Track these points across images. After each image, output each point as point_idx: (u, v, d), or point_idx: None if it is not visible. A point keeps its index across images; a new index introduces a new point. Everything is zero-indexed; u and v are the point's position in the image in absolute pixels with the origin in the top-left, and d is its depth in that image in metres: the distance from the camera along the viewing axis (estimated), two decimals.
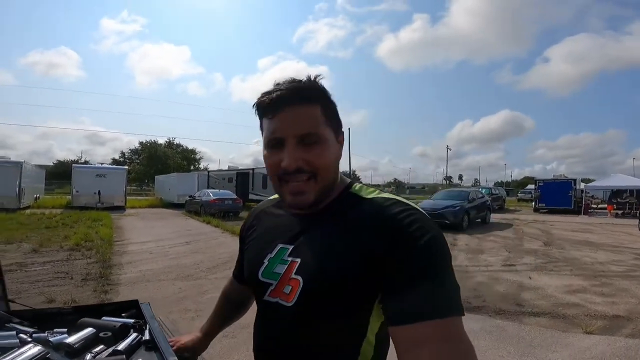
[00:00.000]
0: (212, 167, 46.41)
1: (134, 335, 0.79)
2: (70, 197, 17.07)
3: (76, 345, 0.73)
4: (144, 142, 44.66)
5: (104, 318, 0.86)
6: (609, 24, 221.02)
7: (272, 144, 0.62)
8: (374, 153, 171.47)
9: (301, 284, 0.59)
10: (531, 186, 29.40)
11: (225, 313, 0.95)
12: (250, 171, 20.05)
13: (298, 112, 0.60)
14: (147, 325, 0.84)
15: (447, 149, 57.20)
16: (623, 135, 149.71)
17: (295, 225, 0.67)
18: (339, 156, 0.67)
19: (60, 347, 0.74)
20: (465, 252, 7.09)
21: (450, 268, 0.54)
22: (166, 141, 47.28)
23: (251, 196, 19.39)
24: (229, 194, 15.46)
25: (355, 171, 55.22)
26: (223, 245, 7.57)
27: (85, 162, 36.42)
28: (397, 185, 70.81)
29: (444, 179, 72.87)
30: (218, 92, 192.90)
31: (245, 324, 0.90)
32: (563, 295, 4.23)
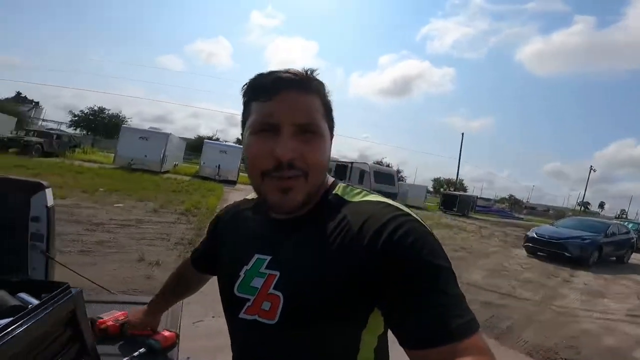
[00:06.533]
0: None
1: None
2: (198, 167, 20.16)
3: None
4: None
5: (19, 295, 0.78)
6: None
7: (263, 129, 0.55)
8: (493, 164, 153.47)
9: (282, 300, 0.54)
10: None
11: (177, 292, 0.97)
12: (349, 165, 20.27)
13: (299, 99, 0.55)
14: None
15: (591, 169, 48.41)
16: None
17: (274, 232, 0.61)
18: (330, 158, 0.61)
19: None
20: (581, 293, 5.92)
21: (456, 280, 0.49)
22: None
23: None
24: None
25: (462, 180, 50.28)
26: None
27: (217, 140, 42.49)
28: (513, 203, 61.82)
29: (579, 204, 61.89)
30: (338, 87, 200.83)
31: None
32: None
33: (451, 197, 28.07)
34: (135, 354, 0.90)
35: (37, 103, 41.57)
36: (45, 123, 36.28)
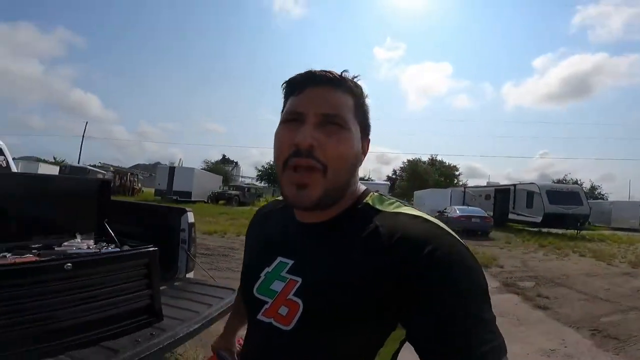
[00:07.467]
0: (481, 182, 43.87)
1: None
2: None
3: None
4: (411, 159, 49.33)
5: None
6: None
7: (290, 119, 0.56)
8: None
9: (301, 308, 0.53)
10: None
11: (243, 310, 0.85)
12: (512, 187, 17.54)
13: (328, 92, 0.55)
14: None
15: None
16: None
17: (299, 235, 0.60)
18: (360, 159, 0.59)
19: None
20: None
21: (490, 303, 0.48)
22: (429, 158, 49.81)
23: (511, 216, 16.95)
24: (478, 211, 14.31)
25: None
26: None
27: (369, 179, 45.34)
28: None
29: None
30: (489, 103, 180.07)
31: None
32: None
33: None
34: None
35: (237, 163, 56.51)
36: (242, 179, 48.58)
